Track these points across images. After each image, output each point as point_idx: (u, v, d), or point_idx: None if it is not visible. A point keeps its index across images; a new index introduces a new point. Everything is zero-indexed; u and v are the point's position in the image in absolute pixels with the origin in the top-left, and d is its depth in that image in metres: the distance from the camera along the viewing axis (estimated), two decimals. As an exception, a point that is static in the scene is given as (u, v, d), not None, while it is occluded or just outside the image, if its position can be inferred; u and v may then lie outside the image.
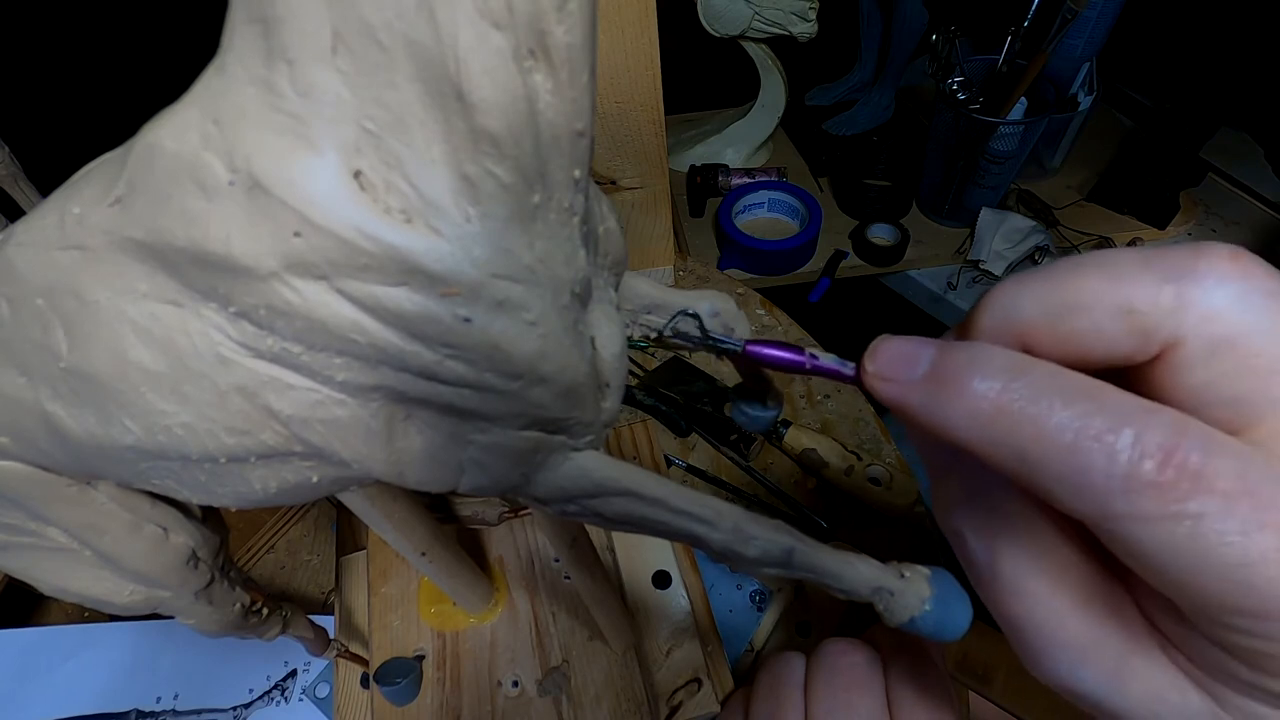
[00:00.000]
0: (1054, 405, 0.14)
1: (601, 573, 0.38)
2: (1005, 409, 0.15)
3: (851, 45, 1.08)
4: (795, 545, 0.21)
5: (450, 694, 0.44)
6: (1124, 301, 0.15)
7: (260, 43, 0.12)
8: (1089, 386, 0.15)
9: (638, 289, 0.23)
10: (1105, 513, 0.14)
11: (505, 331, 0.14)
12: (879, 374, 0.17)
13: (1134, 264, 0.15)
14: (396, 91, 0.12)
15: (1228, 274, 0.15)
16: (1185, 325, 0.15)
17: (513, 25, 0.12)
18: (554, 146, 0.13)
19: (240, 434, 0.16)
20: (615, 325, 0.18)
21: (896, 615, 0.22)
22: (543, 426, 0.17)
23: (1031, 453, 0.14)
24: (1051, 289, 0.16)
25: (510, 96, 0.12)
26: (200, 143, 0.13)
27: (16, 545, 0.21)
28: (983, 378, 0.15)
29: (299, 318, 0.14)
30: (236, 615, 0.27)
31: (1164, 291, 0.15)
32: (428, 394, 0.15)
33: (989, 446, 0.15)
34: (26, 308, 0.16)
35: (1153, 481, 0.13)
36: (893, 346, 0.17)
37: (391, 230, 0.13)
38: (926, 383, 0.16)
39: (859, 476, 0.57)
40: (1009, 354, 0.16)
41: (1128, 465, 0.14)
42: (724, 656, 0.47)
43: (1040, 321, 0.16)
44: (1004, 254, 0.91)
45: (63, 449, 0.17)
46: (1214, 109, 0.92)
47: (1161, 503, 0.13)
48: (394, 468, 0.16)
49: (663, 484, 0.20)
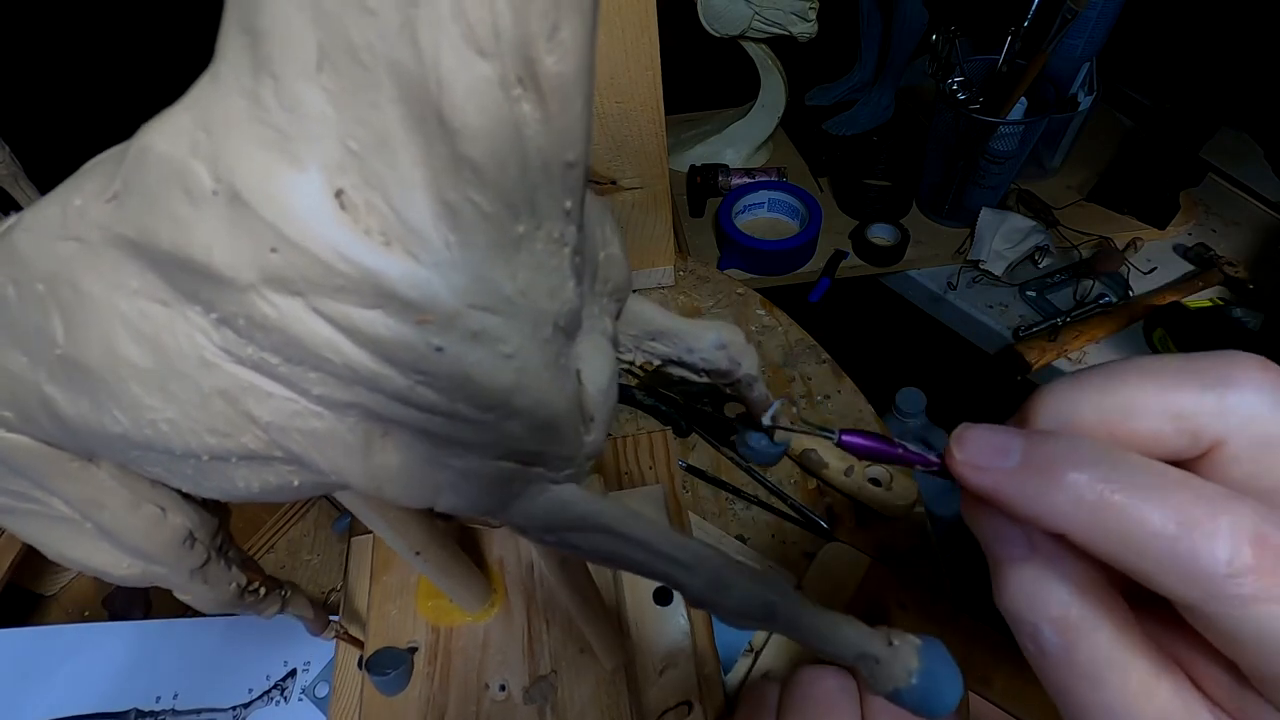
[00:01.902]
0: (1155, 495, 0.16)
1: (594, 594, 0.38)
2: (1108, 499, 0.16)
3: (851, 45, 1.08)
4: (777, 601, 0.21)
5: (438, 690, 0.44)
6: (1173, 408, 0.17)
7: (249, 54, 0.12)
8: (1181, 477, 0.16)
9: (643, 315, 0.22)
10: (1211, 596, 0.15)
11: (479, 363, 0.14)
12: (969, 463, 0.18)
13: (1179, 373, 0.17)
14: (379, 112, 0.12)
15: (1262, 382, 0.17)
16: (1229, 428, 0.17)
17: (499, 53, 0.11)
18: (543, 176, 0.13)
19: (222, 435, 0.16)
20: (604, 357, 0.18)
21: (880, 685, 0.22)
22: (519, 458, 0.17)
23: (1137, 541, 0.16)
24: (1105, 396, 0.18)
25: (495, 124, 0.12)
26: (189, 149, 0.13)
27: (23, 511, 0.22)
28: (1079, 469, 0.16)
29: (275, 331, 0.14)
30: (232, 594, 0.27)
31: (1206, 399, 0.17)
32: (401, 416, 0.15)
33: (1092, 535, 0.16)
34: (29, 292, 0.16)
35: (1252, 566, 0.15)
36: (981, 436, 0.18)
37: (369, 253, 0.12)
38: (1023, 473, 0.17)
39: (859, 476, 0.57)
40: (1100, 444, 0.17)
41: (1231, 552, 0.15)
42: (719, 680, 0.46)
43: (1096, 424, 0.18)
44: (1004, 254, 0.91)
45: (61, 429, 0.18)
46: (1214, 109, 0.92)
47: (1261, 585, 0.15)
48: (371, 481, 0.17)
49: (643, 524, 0.20)
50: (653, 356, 0.23)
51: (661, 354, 0.22)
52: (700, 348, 0.23)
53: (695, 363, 0.23)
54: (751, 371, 0.24)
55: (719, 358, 0.23)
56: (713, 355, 0.23)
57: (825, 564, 0.53)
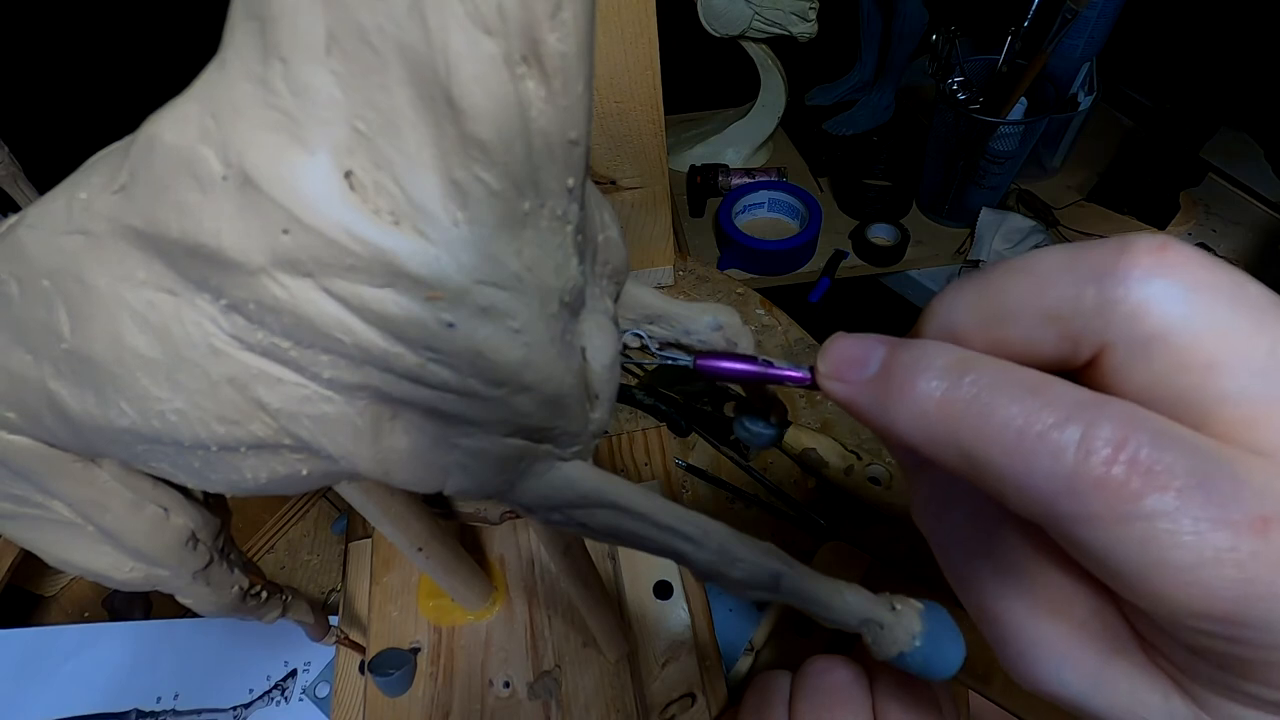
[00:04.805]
0: (998, 401, 0.14)
1: (596, 581, 0.38)
2: (949, 407, 0.14)
3: (851, 45, 1.08)
4: (783, 570, 0.21)
5: (442, 689, 0.44)
6: (1049, 308, 0.15)
7: (257, 39, 0.12)
8: (1036, 381, 0.14)
9: (640, 299, 0.22)
10: (1054, 513, 0.13)
11: (489, 338, 0.14)
12: (830, 374, 0.17)
13: (1057, 266, 0.15)
14: (388, 94, 0.12)
15: (1150, 269, 0.14)
16: (1111, 328, 0.14)
17: (505, 32, 0.11)
18: (546, 154, 0.13)
19: (231, 424, 0.16)
20: (607, 336, 0.18)
21: (884, 649, 0.22)
22: (527, 435, 0.17)
23: (976, 451, 0.14)
24: (980, 296, 0.16)
25: (501, 103, 0.12)
26: (198, 136, 0.13)
27: (23, 516, 0.22)
28: (928, 376, 0.15)
29: (286, 314, 0.14)
30: (234, 597, 0.27)
31: (1086, 293, 0.14)
32: (412, 396, 0.15)
33: (934, 447, 0.15)
34: (34, 288, 0.16)
35: (1101, 479, 0.13)
36: (844, 347, 0.17)
37: (379, 232, 0.13)
38: (875, 383, 0.16)
39: (859, 476, 0.57)
40: (957, 351, 0.15)
41: (1074, 462, 0.13)
42: (721, 672, 0.46)
43: (974, 330, 0.16)
44: (1004, 254, 0.91)
45: (65, 427, 0.18)
46: (1214, 109, 0.92)
47: (1111, 502, 0.13)
48: (380, 466, 0.17)
49: (649, 499, 0.20)
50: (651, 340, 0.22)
51: (660, 337, 0.22)
52: (697, 330, 0.23)
53: (692, 345, 0.23)
54: (749, 352, 0.24)
55: (716, 339, 0.23)
56: (709, 337, 0.23)
57: (825, 563, 0.53)
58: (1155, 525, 0.12)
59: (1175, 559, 0.12)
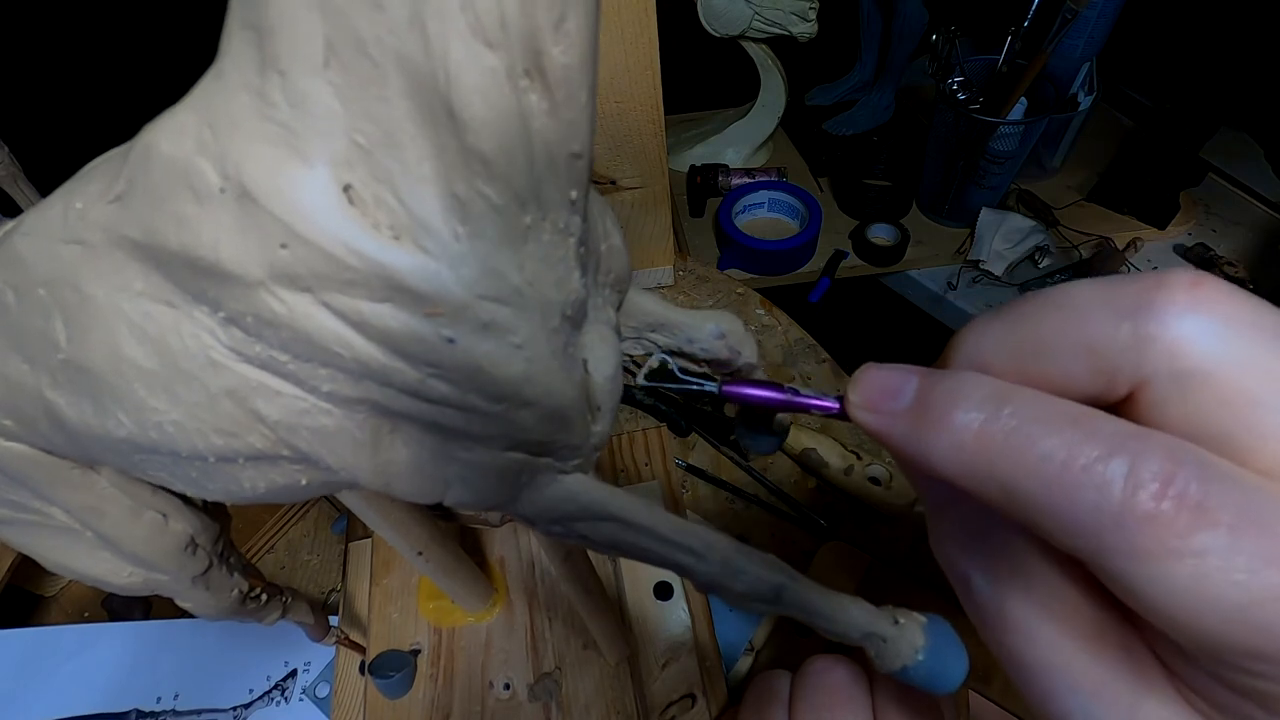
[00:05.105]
0: (1039, 433, 0.13)
1: (597, 585, 0.38)
2: (987, 439, 0.14)
3: (851, 45, 1.08)
4: (786, 583, 0.21)
5: (442, 691, 0.44)
6: (1084, 343, 0.14)
7: (254, 50, 0.12)
8: (1077, 413, 0.14)
9: (643, 306, 0.22)
10: (1097, 549, 0.13)
11: (490, 354, 0.14)
12: (862, 405, 0.17)
13: (1091, 300, 0.15)
14: (387, 106, 0.12)
15: (1187, 304, 0.14)
16: (1148, 363, 0.14)
17: (507, 44, 0.11)
18: (549, 168, 0.13)
19: (229, 435, 0.16)
20: (609, 347, 0.18)
21: (887, 663, 0.22)
22: (528, 449, 0.17)
23: (1016, 484, 0.14)
24: (1010, 329, 0.16)
25: (503, 116, 0.12)
26: (195, 148, 0.13)
27: (21, 522, 0.21)
28: (966, 407, 0.14)
29: (285, 328, 0.14)
30: (234, 601, 0.27)
31: (1121, 328, 0.14)
32: (411, 410, 0.15)
33: (971, 480, 0.14)
34: (30, 297, 0.16)
35: (1149, 514, 0.12)
36: (876, 377, 0.17)
37: (378, 246, 0.12)
38: (909, 414, 0.16)
39: (859, 476, 0.57)
40: (994, 382, 0.15)
41: (1121, 497, 0.12)
42: (721, 673, 0.46)
43: (1005, 363, 0.16)
44: (1004, 254, 0.91)
45: (62, 435, 0.18)
46: (1214, 109, 0.92)
47: (1161, 538, 0.12)
48: (380, 478, 0.16)
49: (652, 512, 0.20)
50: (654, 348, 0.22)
51: (662, 345, 0.22)
52: (700, 338, 0.23)
53: (695, 353, 0.23)
54: (751, 360, 0.24)
55: (719, 347, 0.23)
56: (712, 345, 0.23)
57: (825, 563, 0.53)
58: (1207, 562, 0.12)
59: (1228, 597, 0.12)
